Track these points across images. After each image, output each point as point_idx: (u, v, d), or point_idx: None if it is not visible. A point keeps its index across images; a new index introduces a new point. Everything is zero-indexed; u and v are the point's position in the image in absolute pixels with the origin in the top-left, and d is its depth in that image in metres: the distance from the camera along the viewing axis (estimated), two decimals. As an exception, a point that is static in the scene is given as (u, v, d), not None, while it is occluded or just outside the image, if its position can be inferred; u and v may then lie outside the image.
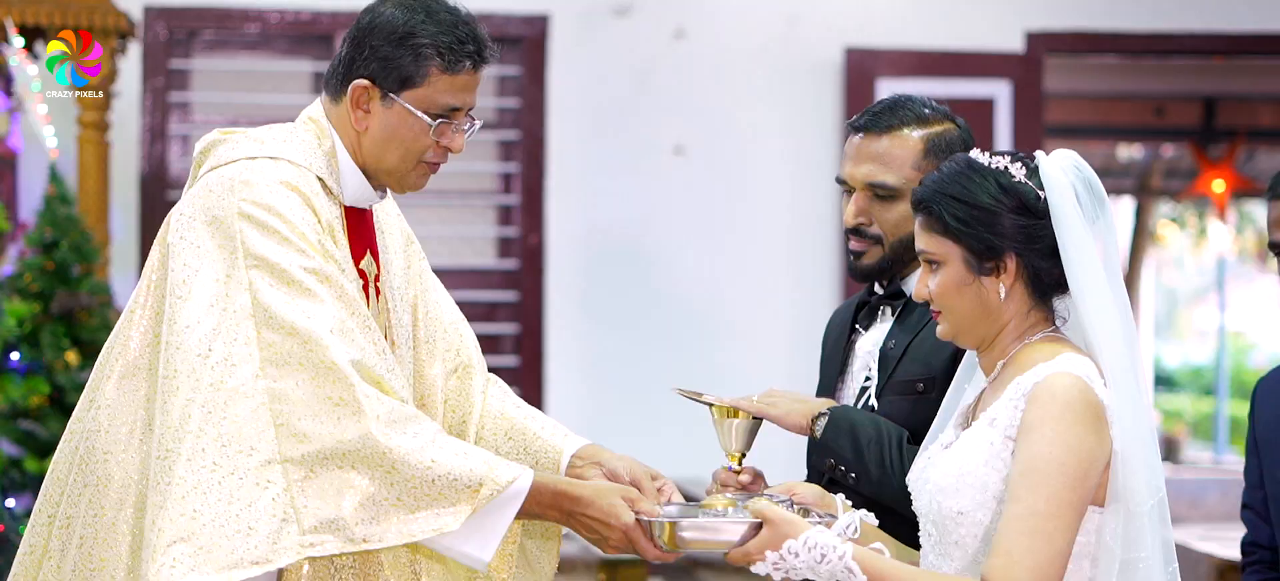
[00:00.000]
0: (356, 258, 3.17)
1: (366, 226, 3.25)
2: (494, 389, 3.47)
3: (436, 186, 9.25)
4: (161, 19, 7.79)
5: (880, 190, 3.40)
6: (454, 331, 3.46)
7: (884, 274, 3.44)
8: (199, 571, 2.83)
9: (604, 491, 3.04)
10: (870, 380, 3.39)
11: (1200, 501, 8.91)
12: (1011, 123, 8.04)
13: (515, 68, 8.08)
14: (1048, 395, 2.82)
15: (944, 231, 2.93)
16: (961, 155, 2.99)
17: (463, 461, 2.93)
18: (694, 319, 8.06)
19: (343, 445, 2.88)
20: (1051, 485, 2.78)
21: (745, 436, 3.35)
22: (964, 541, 2.87)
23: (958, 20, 8.16)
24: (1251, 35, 8.39)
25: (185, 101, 7.87)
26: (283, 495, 2.87)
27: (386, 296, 3.26)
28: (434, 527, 2.90)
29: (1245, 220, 19.05)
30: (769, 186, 8.02)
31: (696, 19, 8.12)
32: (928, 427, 3.27)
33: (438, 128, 3.13)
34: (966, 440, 2.91)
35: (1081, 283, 2.89)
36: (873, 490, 3.28)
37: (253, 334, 2.92)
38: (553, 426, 3.41)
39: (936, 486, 2.90)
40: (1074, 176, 2.92)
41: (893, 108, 3.45)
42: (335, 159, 3.16)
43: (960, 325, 2.96)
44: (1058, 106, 11.90)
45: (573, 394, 8.02)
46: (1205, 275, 20.87)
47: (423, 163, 3.17)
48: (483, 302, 7.95)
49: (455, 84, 3.13)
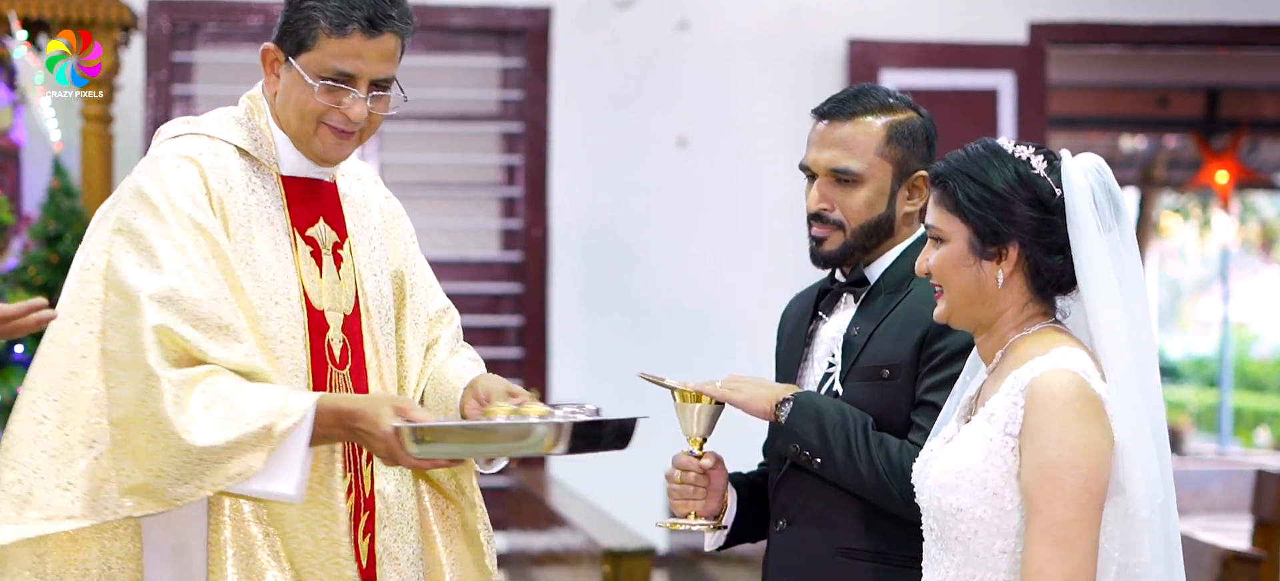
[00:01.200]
0: (303, 225, 3.20)
1: (322, 198, 3.28)
2: (442, 351, 3.50)
3: (439, 179, 9.22)
4: (164, 12, 7.80)
5: (842, 175, 3.42)
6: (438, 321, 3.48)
7: (845, 260, 3.46)
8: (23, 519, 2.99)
9: (374, 402, 3.04)
10: (833, 366, 3.40)
11: (1204, 492, 8.91)
12: (1015, 113, 8.04)
13: (518, 60, 8.08)
14: (1047, 395, 2.81)
15: (954, 208, 2.93)
16: (990, 140, 2.99)
17: (254, 406, 2.96)
18: (696, 310, 8.07)
19: (142, 413, 2.96)
20: (1068, 489, 2.78)
21: (707, 421, 3.37)
22: (964, 537, 2.88)
23: (961, 11, 8.16)
24: (1255, 26, 8.39)
25: (189, 94, 7.87)
26: (105, 456, 2.99)
27: (354, 267, 3.29)
28: (238, 471, 2.95)
29: (1249, 211, 19.06)
30: (771, 177, 8.03)
31: (699, 10, 8.12)
32: (893, 414, 3.30)
33: (322, 89, 3.13)
34: (966, 435, 2.91)
35: (1091, 284, 2.89)
36: (838, 475, 3.29)
37: (101, 294, 3.03)
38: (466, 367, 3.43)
39: (936, 482, 2.90)
40: (1094, 179, 2.91)
41: (857, 96, 3.47)
42: (269, 131, 3.21)
43: (955, 305, 2.97)
44: (1061, 97, 11.89)
45: (575, 384, 8.03)
46: (1209, 266, 20.86)
47: (324, 127, 3.17)
48: (486, 295, 7.96)
49: (344, 48, 3.12)
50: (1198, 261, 21.60)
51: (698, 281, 8.10)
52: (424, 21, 8.16)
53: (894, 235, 3.44)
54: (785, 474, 3.41)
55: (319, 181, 3.27)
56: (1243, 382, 19.25)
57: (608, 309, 8.09)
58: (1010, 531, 2.84)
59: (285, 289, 3.14)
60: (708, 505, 3.43)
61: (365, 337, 3.26)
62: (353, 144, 3.22)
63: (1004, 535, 2.85)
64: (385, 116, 3.23)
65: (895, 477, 3.24)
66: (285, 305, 3.14)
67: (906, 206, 3.44)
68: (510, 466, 3.53)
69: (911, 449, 3.26)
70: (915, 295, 3.37)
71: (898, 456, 3.26)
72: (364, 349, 3.25)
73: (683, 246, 8.11)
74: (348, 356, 3.21)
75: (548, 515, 6.86)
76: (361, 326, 3.25)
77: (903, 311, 3.36)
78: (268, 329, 3.10)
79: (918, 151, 3.44)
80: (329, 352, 3.18)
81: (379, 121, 3.22)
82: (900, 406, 3.32)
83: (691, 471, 3.40)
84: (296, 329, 3.14)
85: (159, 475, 2.96)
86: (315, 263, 3.20)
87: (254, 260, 3.12)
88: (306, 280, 3.18)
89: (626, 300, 8.09)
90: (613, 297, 8.09)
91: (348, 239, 3.29)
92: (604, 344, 8.04)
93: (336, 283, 3.23)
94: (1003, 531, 2.85)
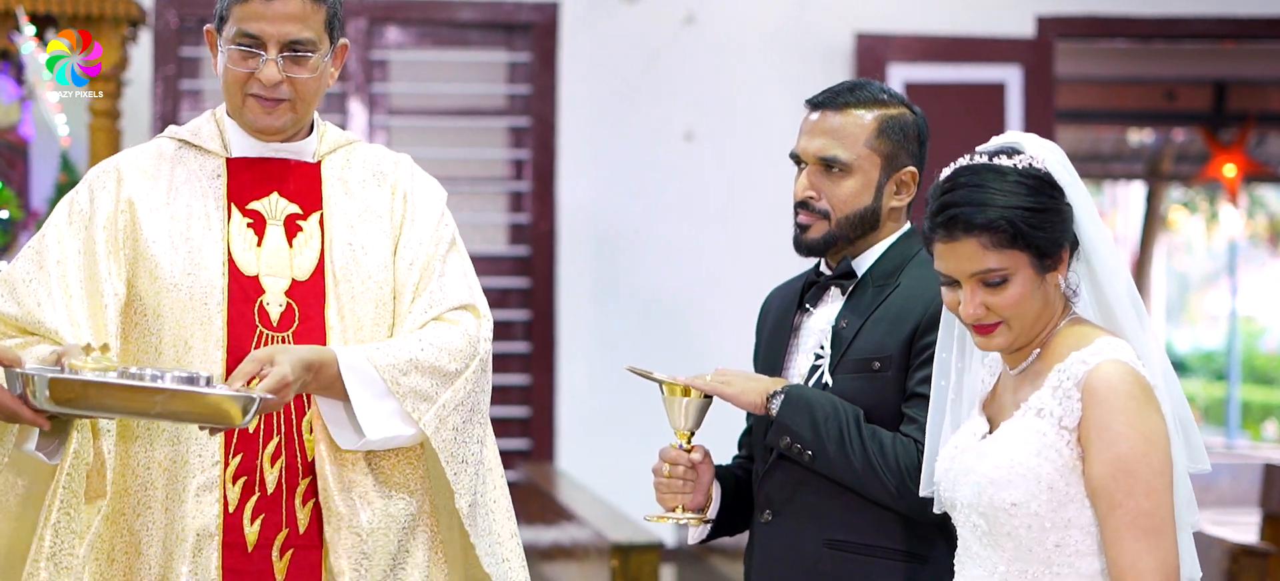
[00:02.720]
0: (243, 200, 3.37)
1: (282, 176, 3.41)
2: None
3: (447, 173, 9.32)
4: (172, 7, 7.80)
5: (831, 164, 3.44)
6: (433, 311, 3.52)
7: (829, 249, 3.47)
8: None
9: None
10: (821, 358, 3.40)
11: (1212, 486, 8.90)
12: (1022, 107, 8.03)
13: (525, 54, 8.08)
14: (1106, 389, 2.83)
15: (1011, 241, 2.89)
16: (965, 166, 2.97)
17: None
18: (703, 303, 8.07)
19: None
20: (1144, 479, 2.82)
21: (695, 415, 3.38)
22: (1016, 532, 2.89)
23: (968, 5, 8.16)
24: (1262, 19, 8.38)
25: (196, 89, 7.88)
26: None
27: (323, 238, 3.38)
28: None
29: (1256, 204, 19.05)
30: (779, 172, 8.00)
31: (706, 4, 8.12)
32: (882, 407, 3.31)
33: (236, 56, 3.32)
34: (1011, 431, 2.91)
35: (1094, 241, 2.95)
36: (830, 467, 3.29)
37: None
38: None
39: (985, 478, 2.90)
40: (1061, 156, 2.96)
41: (851, 89, 3.50)
42: (222, 120, 3.43)
43: (1026, 332, 2.94)
44: (1068, 91, 11.89)
45: (583, 379, 8.03)
46: (1216, 259, 20.86)
47: (249, 98, 3.35)
48: (494, 289, 7.96)
49: (247, 11, 3.30)
50: (1205, 255, 21.60)
51: (704, 275, 8.10)
52: (431, 16, 8.18)
53: (879, 229, 3.45)
54: (772, 466, 3.41)
55: (283, 161, 3.41)
56: (1250, 376, 19.24)
57: (615, 303, 8.09)
58: (1063, 524, 2.87)
59: (209, 257, 3.30)
60: (695, 498, 3.44)
61: (329, 304, 3.34)
62: (283, 113, 3.36)
63: (1057, 527, 2.87)
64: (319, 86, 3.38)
65: (889, 470, 3.25)
66: (206, 273, 3.29)
67: (893, 201, 3.45)
68: None
69: (905, 441, 3.26)
70: (904, 288, 3.38)
71: (892, 448, 3.26)
72: (325, 315, 3.33)
73: (690, 240, 8.11)
74: (293, 320, 3.31)
75: (556, 509, 6.86)
76: (323, 293, 3.35)
77: (892, 304, 3.37)
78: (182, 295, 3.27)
79: (908, 148, 3.45)
80: (260, 315, 3.30)
81: (309, 90, 3.36)
82: (889, 398, 3.33)
83: (680, 465, 3.41)
84: (214, 292, 3.28)
85: None
86: (255, 233, 3.34)
87: (173, 233, 3.31)
88: (236, 249, 3.32)
89: (634, 294, 8.09)
90: (620, 292, 8.09)
91: (320, 213, 3.39)
92: (612, 338, 8.05)
93: (285, 250, 3.35)
94: (1056, 524, 2.87)
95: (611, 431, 7.91)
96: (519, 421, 8.03)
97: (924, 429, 3.21)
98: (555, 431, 8.07)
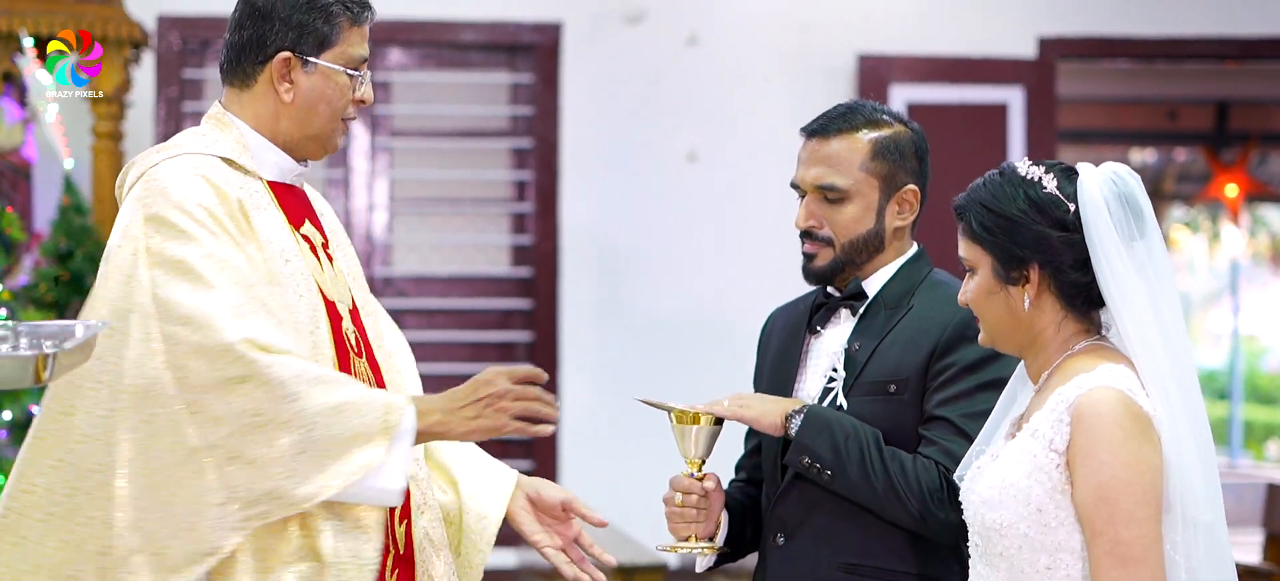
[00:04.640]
0: (296, 224, 3.27)
1: (303, 202, 3.35)
2: None
3: (450, 194, 9.22)
4: (175, 28, 7.81)
5: (829, 193, 3.45)
6: None
7: (836, 275, 3.47)
8: (159, 576, 2.98)
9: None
10: (834, 380, 3.39)
11: (1215, 506, 8.90)
12: (1024, 128, 8.03)
13: (528, 75, 8.09)
14: (1093, 415, 2.81)
15: (974, 238, 2.97)
16: (1008, 164, 2.99)
17: (365, 397, 3.05)
18: (707, 324, 8.06)
19: (257, 417, 2.98)
20: (1125, 508, 2.79)
21: (706, 443, 3.38)
22: (1008, 552, 2.88)
23: (970, 26, 8.16)
24: (1264, 39, 8.38)
25: (199, 111, 7.88)
26: (216, 482, 2.98)
27: (340, 263, 3.36)
28: (363, 464, 3.01)
29: (1258, 224, 19.04)
30: (781, 192, 7.99)
31: (709, 25, 8.12)
32: (901, 430, 3.30)
33: (339, 77, 3.24)
34: (1010, 452, 2.91)
35: (1115, 297, 2.89)
36: (850, 488, 3.28)
37: (156, 329, 3.02)
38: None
39: (981, 499, 2.91)
40: (1109, 190, 2.90)
41: (845, 113, 3.50)
42: (243, 142, 3.27)
43: (993, 332, 3.00)
44: (1070, 111, 11.89)
45: (587, 400, 8.02)
46: (1218, 279, 20.83)
47: (343, 121, 3.30)
48: (497, 311, 7.96)
49: (363, 34, 3.27)
50: (1207, 274, 21.56)
51: (708, 296, 8.09)
52: (434, 38, 8.18)
53: (884, 249, 3.45)
54: (786, 488, 3.40)
55: (296, 187, 3.36)
56: (1253, 395, 19.21)
57: (619, 323, 8.08)
58: (1053, 547, 2.85)
59: (306, 283, 3.19)
60: (706, 526, 3.43)
61: (368, 328, 3.33)
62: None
63: (1047, 550, 2.85)
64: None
65: (912, 491, 3.24)
66: (309, 297, 3.19)
67: (896, 221, 3.45)
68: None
69: (926, 463, 3.25)
70: (918, 311, 3.37)
71: (913, 470, 3.25)
72: (370, 340, 3.31)
73: (693, 261, 8.10)
74: (362, 346, 3.27)
75: (558, 530, 6.84)
76: (362, 319, 3.32)
77: (907, 327, 3.36)
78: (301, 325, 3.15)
79: (906, 166, 3.44)
80: (348, 342, 3.24)
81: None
82: (906, 421, 3.32)
83: (693, 494, 3.39)
84: (320, 319, 3.19)
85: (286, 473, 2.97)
86: (315, 258, 3.27)
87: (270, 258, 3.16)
88: (315, 274, 3.24)
89: (637, 315, 8.09)
90: (623, 312, 8.09)
91: (329, 240, 3.37)
92: (615, 358, 8.04)
93: (335, 278, 3.30)
94: (1046, 547, 2.85)
95: (614, 452, 7.90)
96: (521, 442, 8.02)
97: (946, 451, 3.21)
98: (558, 451, 8.06)
